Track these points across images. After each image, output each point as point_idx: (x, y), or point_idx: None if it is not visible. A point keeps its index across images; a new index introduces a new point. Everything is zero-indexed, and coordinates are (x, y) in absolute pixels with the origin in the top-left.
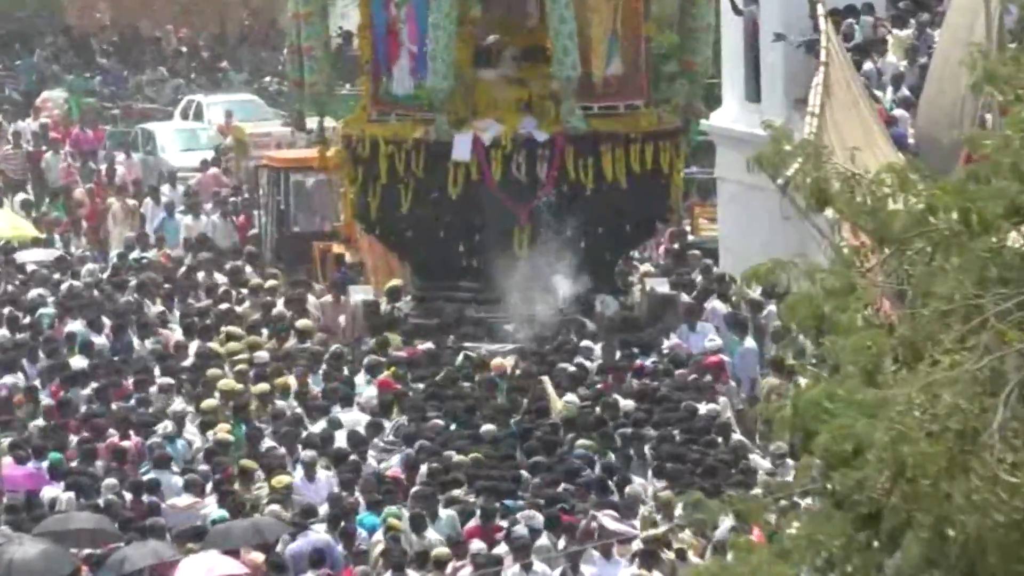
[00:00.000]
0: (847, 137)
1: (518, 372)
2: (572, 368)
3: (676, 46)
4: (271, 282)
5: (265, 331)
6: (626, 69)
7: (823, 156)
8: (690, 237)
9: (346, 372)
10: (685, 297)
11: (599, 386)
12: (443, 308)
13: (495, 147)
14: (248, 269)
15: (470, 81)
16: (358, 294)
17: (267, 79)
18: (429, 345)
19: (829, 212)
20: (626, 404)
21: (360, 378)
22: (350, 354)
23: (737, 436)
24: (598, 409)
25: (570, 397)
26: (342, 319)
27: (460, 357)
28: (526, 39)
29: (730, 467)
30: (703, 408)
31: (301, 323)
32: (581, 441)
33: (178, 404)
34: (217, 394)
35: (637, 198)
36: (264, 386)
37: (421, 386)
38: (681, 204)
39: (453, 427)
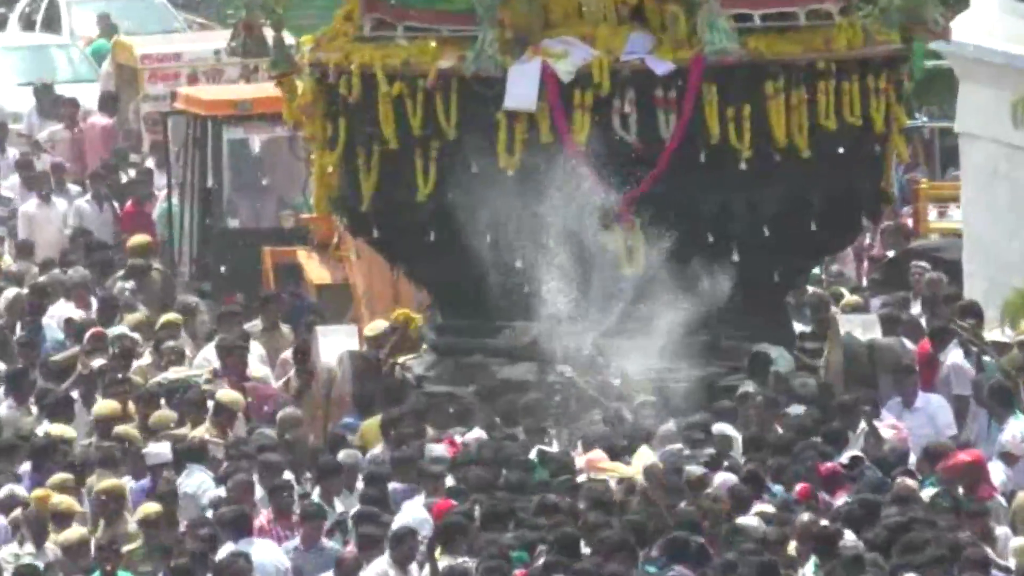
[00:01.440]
0: None
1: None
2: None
3: None
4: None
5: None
6: None
7: None
8: (914, 240)
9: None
10: (909, 345)
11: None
12: (484, 368)
13: (581, 87)
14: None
15: None
16: (335, 339)
17: None
18: (479, 434)
19: None
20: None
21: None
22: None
23: None
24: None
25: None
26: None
27: (534, 454)
28: None
29: None
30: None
31: (222, 395)
32: None
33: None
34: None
35: (830, 175)
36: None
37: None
38: (900, 183)
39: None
